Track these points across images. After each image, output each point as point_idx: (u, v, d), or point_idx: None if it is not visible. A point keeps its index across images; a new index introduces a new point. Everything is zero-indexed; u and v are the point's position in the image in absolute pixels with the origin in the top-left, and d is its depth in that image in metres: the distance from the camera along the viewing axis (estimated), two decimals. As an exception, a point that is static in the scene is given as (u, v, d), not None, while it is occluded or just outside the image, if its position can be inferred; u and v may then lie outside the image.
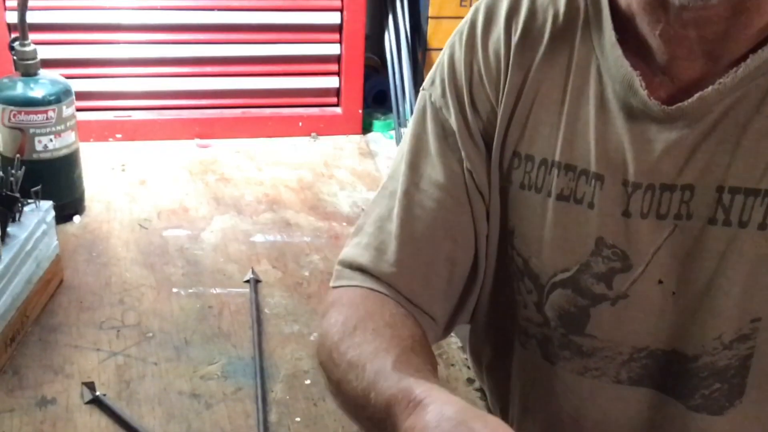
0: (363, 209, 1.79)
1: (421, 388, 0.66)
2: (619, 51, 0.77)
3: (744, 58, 0.72)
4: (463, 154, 0.86)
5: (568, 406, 0.87)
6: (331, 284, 0.88)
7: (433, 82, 0.89)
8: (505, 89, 0.85)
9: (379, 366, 0.73)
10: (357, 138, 2.18)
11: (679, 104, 0.74)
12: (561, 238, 0.83)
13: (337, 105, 2.19)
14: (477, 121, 0.86)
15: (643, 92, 0.75)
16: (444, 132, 0.88)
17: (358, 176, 1.96)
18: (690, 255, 0.77)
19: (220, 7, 2.05)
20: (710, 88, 0.72)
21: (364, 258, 0.86)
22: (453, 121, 0.87)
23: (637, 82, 0.76)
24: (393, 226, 0.87)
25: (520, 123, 0.85)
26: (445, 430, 0.60)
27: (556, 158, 0.82)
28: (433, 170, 0.88)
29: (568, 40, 0.82)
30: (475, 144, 0.87)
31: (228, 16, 2.07)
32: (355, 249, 0.88)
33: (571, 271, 0.83)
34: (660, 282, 0.79)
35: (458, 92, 0.87)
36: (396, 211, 0.88)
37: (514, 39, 0.83)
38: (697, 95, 0.73)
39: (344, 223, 1.74)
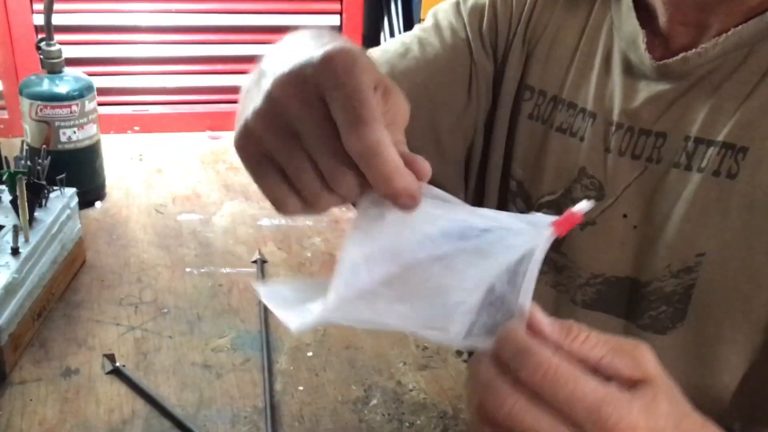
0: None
1: None
2: (633, 13, 0.83)
3: (728, 31, 0.75)
4: (473, 46, 0.95)
5: None
6: None
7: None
8: (528, 28, 0.92)
9: None
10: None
11: (665, 60, 0.78)
12: (553, 165, 0.89)
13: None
14: (490, 40, 0.95)
15: (643, 46, 0.80)
16: (460, 23, 0.97)
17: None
18: (654, 194, 0.81)
19: (230, 11, 2.04)
20: (692, 51, 0.77)
21: None
22: (469, 30, 0.96)
23: (641, 38, 0.81)
24: (388, 54, 0.96)
25: (539, 61, 0.91)
26: None
27: (563, 96, 0.88)
28: (440, 38, 0.97)
29: (591, 1, 0.89)
30: (485, 51, 0.96)
31: (237, 18, 2.06)
32: None
33: (557, 194, 0.89)
34: (624, 216, 0.84)
35: (480, 15, 0.96)
36: (395, 46, 0.97)
37: None
38: (681, 55, 0.77)
39: (343, 208, 1.73)
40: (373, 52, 0.98)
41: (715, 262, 0.77)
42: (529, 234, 0.55)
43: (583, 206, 0.55)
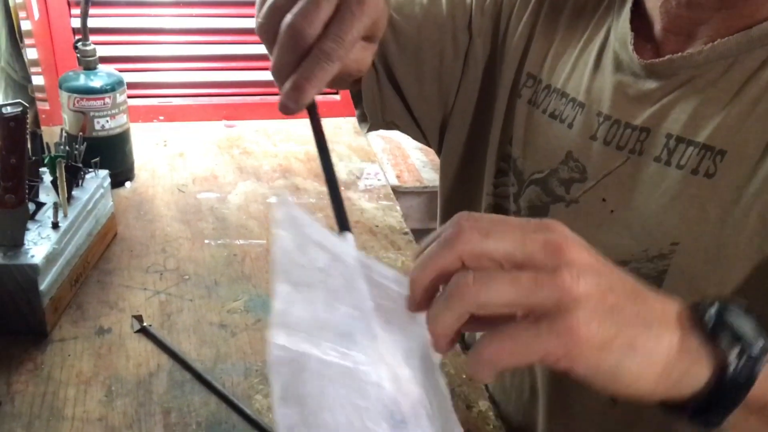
0: (357, 176, 1.77)
1: None
2: (628, 15, 0.80)
3: (714, 41, 0.73)
4: (473, 18, 0.94)
5: None
6: None
7: None
8: (539, 20, 0.89)
9: None
10: (352, 119, 2.14)
11: (652, 60, 0.76)
12: (543, 146, 0.86)
13: (336, 93, 2.15)
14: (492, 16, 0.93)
15: (630, 47, 0.78)
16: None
17: (353, 150, 1.93)
18: (633, 183, 0.78)
19: (244, 15, 2.01)
20: (678, 54, 0.74)
21: None
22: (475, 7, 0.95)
23: (629, 38, 0.79)
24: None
25: (541, 52, 0.88)
26: None
27: (559, 86, 0.86)
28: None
29: (599, 5, 0.87)
30: (485, 26, 0.94)
31: (250, 21, 2.03)
32: None
33: (544, 173, 0.87)
34: (603, 200, 0.81)
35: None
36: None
37: None
38: (666, 57, 0.75)
39: (342, 188, 1.71)
40: None
41: (687, 251, 0.74)
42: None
43: None
